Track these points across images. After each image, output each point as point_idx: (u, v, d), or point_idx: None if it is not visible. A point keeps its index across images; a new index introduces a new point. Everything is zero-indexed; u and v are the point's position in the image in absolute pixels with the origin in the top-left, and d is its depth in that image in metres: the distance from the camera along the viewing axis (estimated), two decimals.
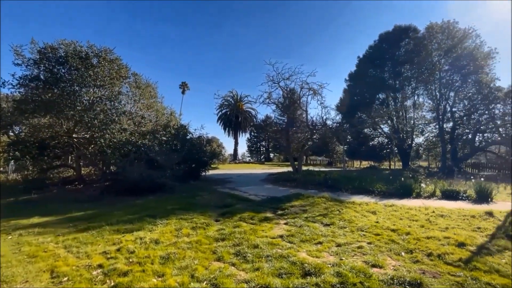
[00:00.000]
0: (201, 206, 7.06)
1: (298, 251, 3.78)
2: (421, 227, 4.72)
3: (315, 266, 3.16)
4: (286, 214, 6.03)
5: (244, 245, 3.97)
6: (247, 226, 5.08)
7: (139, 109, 13.73)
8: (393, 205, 6.65)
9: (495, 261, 3.24)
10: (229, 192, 9.87)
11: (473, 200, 7.20)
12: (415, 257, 3.47)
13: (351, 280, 2.83)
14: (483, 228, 4.52)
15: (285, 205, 6.97)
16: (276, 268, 3.16)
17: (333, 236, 4.42)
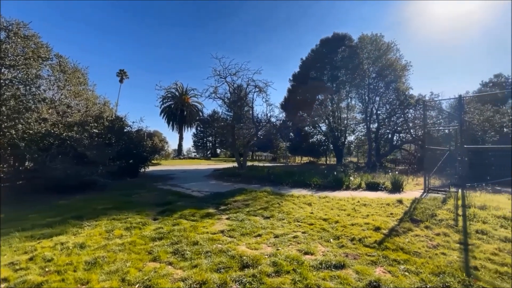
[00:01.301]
0: (138, 205, 6.58)
1: (238, 245, 3.85)
2: (347, 216, 5.32)
3: (253, 258, 3.27)
4: (228, 209, 6.07)
5: (183, 243, 3.86)
6: (187, 223, 4.94)
7: (65, 97, 11.95)
8: (326, 197, 7.32)
9: (401, 240, 3.87)
10: (170, 189, 9.44)
11: (389, 191, 8.43)
12: (341, 242, 3.90)
13: (285, 268, 3.02)
14: (395, 213, 5.34)
15: (228, 200, 7.01)
16: (215, 263, 3.16)
17: (272, 228, 4.63)
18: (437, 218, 4.85)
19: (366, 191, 8.51)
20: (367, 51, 25.19)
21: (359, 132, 28.78)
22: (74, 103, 12.19)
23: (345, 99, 29.23)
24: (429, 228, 4.42)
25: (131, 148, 13.07)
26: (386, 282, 2.69)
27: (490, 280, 2.76)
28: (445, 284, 2.65)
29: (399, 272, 2.96)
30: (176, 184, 10.84)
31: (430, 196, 7.01)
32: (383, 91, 24.84)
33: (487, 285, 2.66)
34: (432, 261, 3.19)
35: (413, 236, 4.03)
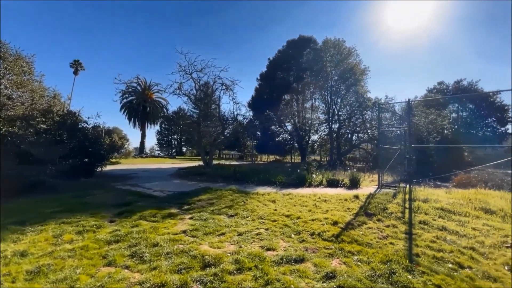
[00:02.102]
0: (93, 207, 6.12)
1: (200, 245, 3.79)
2: (309, 211, 5.55)
3: (215, 257, 3.25)
4: (192, 209, 5.94)
5: (142, 245, 3.69)
6: (147, 224, 4.73)
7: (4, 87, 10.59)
8: (290, 194, 7.54)
9: (355, 233, 4.15)
10: (130, 189, 8.93)
11: (348, 187, 8.99)
12: (302, 237, 4.06)
13: (247, 265, 3.05)
14: (351, 208, 5.71)
15: (192, 200, 6.86)
16: (175, 264, 3.08)
17: (236, 226, 4.65)
18: (388, 211, 5.29)
19: (327, 188, 8.96)
20: (330, 54, 26.44)
21: (322, 132, 30.11)
22: (16, 95, 10.87)
23: (310, 100, 30.39)
24: (381, 220, 4.81)
25: (87, 146, 12.06)
26: (341, 273, 2.87)
27: (428, 264, 3.10)
28: (391, 270, 2.91)
29: (353, 262, 3.17)
30: (137, 183, 10.29)
31: (383, 191, 7.61)
32: (344, 93, 26.31)
33: (425, 269, 2.98)
34: (382, 250, 3.48)
35: (367, 229, 4.35)
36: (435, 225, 4.47)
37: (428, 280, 2.75)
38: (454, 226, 4.36)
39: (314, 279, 2.79)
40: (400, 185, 8.09)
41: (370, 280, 2.75)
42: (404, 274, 2.85)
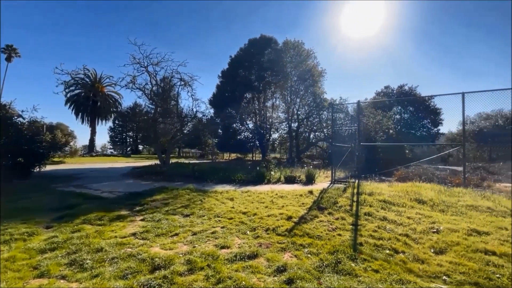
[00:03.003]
0: (26, 212, 5.40)
1: (151, 247, 3.60)
2: (265, 208, 5.65)
3: (166, 258, 3.12)
4: (144, 210, 5.62)
5: (83, 252, 3.36)
6: (92, 228, 4.34)
7: None
8: (248, 191, 7.60)
9: (308, 227, 4.34)
10: (73, 190, 8.11)
11: (304, 183, 9.39)
12: (257, 233, 4.11)
13: (199, 265, 2.98)
14: (306, 203, 5.97)
15: (146, 200, 6.49)
16: (121, 270, 2.87)
17: (191, 226, 4.52)
18: (338, 205, 5.64)
19: (285, 184, 9.24)
20: (290, 55, 27.27)
21: (282, 131, 31.02)
22: None
23: (271, 99, 31.01)
24: (331, 214, 5.11)
25: (21, 143, 10.61)
26: (292, 265, 2.97)
27: (370, 252, 3.38)
28: (337, 260, 3.11)
29: (303, 255, 3.31)
30: (82, 184, 9.39)
31: (335, 186, 8.11)
32: (303, 94, 27.41)
33: (367, 256, 3.24)
34: (330, 242, 3.70)
35: (318, 222, 4.59)
36: (377, 216, 4.90)
37: (368, 266, 3.00)
38: (393, 216, 4.83)
39: (266, 273, 2.84)
40: (350, 180, 8.70)
41: (318, 270, 2.89)
42: (348, 263, 3.06)
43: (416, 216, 4.79)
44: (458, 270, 2.92)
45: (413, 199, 5.85)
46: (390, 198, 5.95)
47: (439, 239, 3.73)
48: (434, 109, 26.65)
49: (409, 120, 26.76)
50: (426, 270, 2.96)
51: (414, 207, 5.38)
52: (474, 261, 3.12)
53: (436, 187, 7.03)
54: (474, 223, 4.37)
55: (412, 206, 5.43)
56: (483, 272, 2.85)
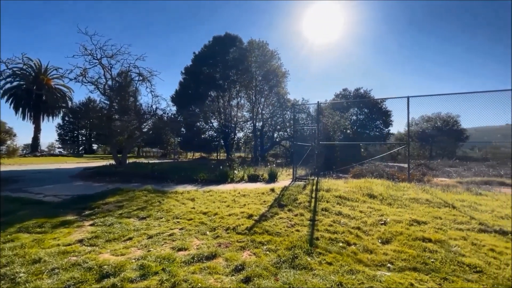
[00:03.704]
0: None
1: (100, 253, 3.32)
2: (227, 207, 5.60)
3: (116, 265, 2.90)
4: (95, 214, 5.18)
5: (15, 264, 2.97)
6: (29, 237, 3.86)
7: None
8: (211, 191, 7.47)
9: (267, 224, 4.40)
10: (9, 195, 7.16)
11: (266, 181, 9.53)
12: (216, 233, 4.04)
13: (153, 269, 2.83)
14: (267, 201, 6.06)
15: (97, 204, 5.99)
16: (62, 282, 2.59)
17: (147, 229, 4.28)
18: (298, 202, 5.83)
19: (248, 183, 9.27)
20: (255, 55, 27.47)
21: (247, 129, 31.13)
22: None
23: (236, 98, 30.90)
24: (291, 210, 5.25)
25: None
26: (250, 264, 2.97)
27: (325, 246, 3.54)
28: (294, 255, 3.19)
29: (262, 252, 3.34)
30: (21, 188, 8.34)
31: (296, 183, 8.36)
32: (268, 94, 27.83)
33: (322, 250, 3.39)
34: (288, 238, 3.79)
35: (278, 219, 4.68)
36: (333, 211, 5.16)
37: (323, 259, 3.14)
38: (347, 211, 5.14)
39: (224, 273, 2.80)
40: (310, 178, 9.07)
41: (275, 267, 2.93)
42: (304, 257, 3.16)
43: (367, 210, 5.16)
44: (401, 258, 3.20)
45: (365, 194, 6.28)
46: (345, 193, 6.32)
47: (386, 230, 4.06)
48: (386, 111, 29.10)
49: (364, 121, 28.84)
50: (374, 259, 3.19)
51: (366, 202, 5.78)
52: (413, 248, 3.45)
53: (385, 182, 7.66)
54: (415, 214, 4.85)
55: (364, 201, 5.84)
56: (421, 258, 3.17)
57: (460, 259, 3.10)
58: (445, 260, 3.11)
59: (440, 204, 5.46)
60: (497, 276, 2.75)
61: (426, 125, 26.93)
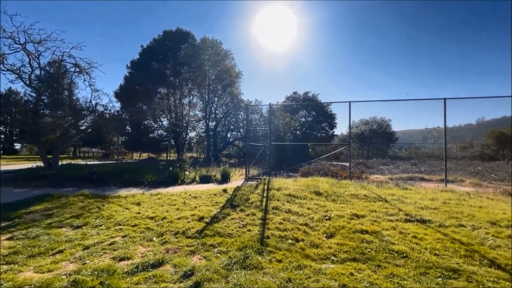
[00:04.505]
0: None
1: (20, 272, 2.84)
2: (176, 210, 5.34)
3: (41, 284, 2.52)
4: (15, 225, 4.41)
5: None
6: None
7: None
8: (159, 194, 7.05)
9: (219, 226, 4.33)
10: None
11: (219, 182, 9.41)
12: (164, 239, 3.82)
13: (89, 284, 2.53)
14: (219, 202, 5.97)
15: (18, 213, 5.12)
16: None
17: (83, 239, 3.82)
18: (250, 201, 5.88)
19: (200, 184, 9.03)
20: (208, 53, 26.89)
21: (200, 129, 30.30)
22: None
23: (188, 96, 29.82)
24: (243, 210, 5.27)
25: None
26: (200, 268, 2.87)
27: (275, 244, 3.64)
28: (245, 256, 3.20)
29: (213, 255, 3.26)
30: None
31: (249, 183, 8.45)
32: (221, 93, 27.53)
33: (272, 248, 3.47)
34: (240, 238, 3.79)
35: (230, 220, 4.64)
36: (284, 209, 5.35)
37: (273, 257, 3.21)
38: (296, 208, 5.38)
39: (171, 281, 2.65)
40: (262, 177, 9.26)
41: (226, 269, 2.90)
42: (255, 257, 3.19)
43: (314, 207, 5.47)
44: (343, 250, 3.47)
45: (312, 191, 6.66)
46: (294, 192, 6.61)
47: (330, 225, 4.36)
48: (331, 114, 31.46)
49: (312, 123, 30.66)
50: (320, 253, 3.39)
51: (313, 199, 6.14)
52: (353, 240, 3.78)
53: (330, 180, 8.26)
54: (355, 208, 5.32)
55: (311, 198, 6.19)
56: (359, 249, 3.49)
57: (391, 247, 3.51)
58: (379, 249, 3.48)
59: (375, 198, 6.11)
60: (419, 259, 3.18)
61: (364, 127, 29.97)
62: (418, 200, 5.90)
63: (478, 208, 5.27)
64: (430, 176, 10.62)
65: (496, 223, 4.37)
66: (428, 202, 5.74)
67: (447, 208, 5.23)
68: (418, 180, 10.02)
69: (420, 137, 63.70)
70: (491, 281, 2.66)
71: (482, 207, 5.31)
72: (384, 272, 2.88)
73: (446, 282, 2.65)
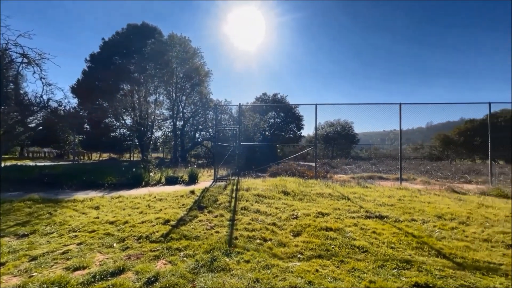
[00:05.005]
0: None
1: None
2: (140, 214, 5.07)
3: None
4: None
5: None
6: None
7: None
8: (120, 197, 6.62)
9: (186, 228, 4.20)
10: None
11: (186, 183, 9.14)
12: (126, 244, 3.59)
13: None
14: (186, 204, 5.79)
15: None
16: None
17: (30, 249, 3.44)
18: (218, 203, 5.80)
19: (166, 186, 8.68)
20: (176, 50, 26.03)
21: (167, 129, 29.18)
22: None
23: (154, 93, 28.50)
24: (211, 212, 5.18)
25: None
26: (165, 273, 2.75)
27: (243, 244, 3.63)
28: (213, 258, 3.14)
29: (179, 259, 3.15)
30: None
31: (217, 184, 8.33)
32: (189, 92, 26.83)
33: (240, 249, 3.46)
34: (207, 240, 3.71)
35: (197, 222, 4.53)
36: (252, 209, 5.37)
37: (241, 258, 3.20)
38: (264, 208, 5.43)
39: None
40: (231, 178, 9.20)
41: (193, 273, 2.81)
42: (223, 259, 3.15)
43: (282, 206, 5.58)
44: (309, 247, 3.58)
45: (280, 191, 6.79)
46: (263, 192, 6.67)
47: (297, 224, 4.48)
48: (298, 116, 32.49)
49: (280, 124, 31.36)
50: (287, 252, 3.46)
51: (281, 198, 6.26)
52: (319, 238, 3.93)
53: (297, 180, 8.49)
54: (321, 207, 5.54)
55: (279, 198, 6.30)
56: (324, 246, 3.63)
57: (353, 243, 3.71)
58: (342, 245, 3.65)
59: (339, 197, 6.42)
60: (377, 253, 3.41)
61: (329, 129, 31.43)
62: (377, 198, 6.32)
63: (427, 203, 5.81)
64: (388, 175, 11.48)
65: (442, 216, 4.86)
66: (385, 199, 6.18)
67: (401, 205, 5.69)
68: (377, 178, 10.75)
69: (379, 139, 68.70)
70: (438, 269, 2.95)
71: (431, 203, 5.86)
72: (347, 267, 3.03)
73: (400, 273, 2.88)
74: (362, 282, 2.68)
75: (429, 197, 6.58)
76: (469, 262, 3.18)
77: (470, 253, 3.42)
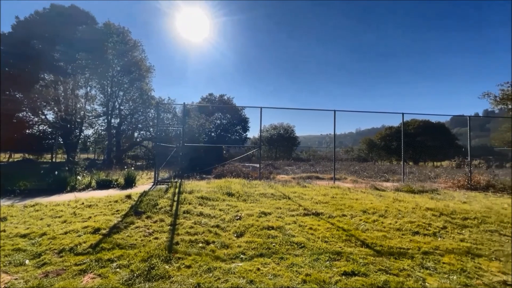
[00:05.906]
0: None
1: None
2: (63, 223, 4.42)
3: None
4: None
5: None
6: None
7: None
8: (37, 204, 5.66)
9: (120, 237, 3.84)
10: None
11: (122, 187, 8.35)
12: (42, 260, 3.09)
13: None
14: (121, 209, 5.29)
15: None
16: None
17: None
18: (158, 207, 5.46)
19: (97, 190, 7.77)
20: (113, 41, 23.59)
21: (99, 126, 26.11)
22: None
23: (84, 86, 25.20)
24: (150, 217, 4.84)
25: None
26: None
27: (184, 249, 3.50)
28: (151, 266, 2.94)
29: (110, 271, 2.86)
30: None
31: (158, 187, 7.83)
32: (128, 87, 24.61)
33: (181, 254, 3.33)
34: (145, 248, 3.46)
35: (133, 229, 4.18)
36: (195, 212, 5.22)
37: (182, 263, 3.08)
38: (208, 210, 5.34)
39: None
40: (173, 180, 8.78)
41: (127, 284, 2.59)
42: (162, 266, 2.98)
43: (226, 208, 5.57)
44: (251, 247, 3.66)
45: (225, 193, 6.77)
46: (207, 194, 6.56)
47: (240, 224, 4.53)
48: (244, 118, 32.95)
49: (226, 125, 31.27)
50: (230, 253, 3.47)
51: (225, 200, 6.25)
52: (261, 237, 4.05)
53: (242, 181, 8.60)
54: (263, 207, 5.72)
55: (224, 199, 6.28)
56: (266, 244, 3.76)
57: (292, 239, 3.94)
58: (282, 242, 3.84)
59: (281, 196, 6.74)
60: (313, 247, 3.69)
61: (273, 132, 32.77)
62: (314, 196, 6.84)
63: (355, 200, 6.56)
64: (324, 175, 12.55)
65: (366, 211, 5.54)
66: (321, 197, 6.74)
67: (334, 202, 6.29)
68: (314, 178, 11.64)
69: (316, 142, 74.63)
70: (362, 258, 3.35)
71: (358, 199, 6.63)
72: (286, 263, 3.20)
73: (332, 264, 3.18)
74: (299, 276, 2.87)
75: (357, 194, 7.43)
76: (386, 249, 3.71)
77: (386, 241, 3.99)
